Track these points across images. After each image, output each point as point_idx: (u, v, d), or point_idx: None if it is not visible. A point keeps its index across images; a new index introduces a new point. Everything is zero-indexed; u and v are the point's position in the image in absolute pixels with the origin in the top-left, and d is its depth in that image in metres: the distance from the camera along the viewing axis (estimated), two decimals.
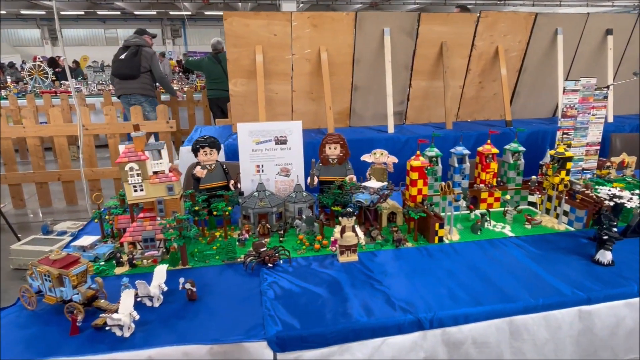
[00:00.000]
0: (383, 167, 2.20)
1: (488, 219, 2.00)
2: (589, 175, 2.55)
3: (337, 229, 1.65)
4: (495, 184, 2.19)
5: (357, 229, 1.68)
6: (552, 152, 2.10)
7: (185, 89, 8.33)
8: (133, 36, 5.80)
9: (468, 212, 2.06)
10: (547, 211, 2.09)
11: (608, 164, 2.52)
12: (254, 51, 3.92)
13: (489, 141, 2.22)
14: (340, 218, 1.65)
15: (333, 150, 2.14)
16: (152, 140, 1.79)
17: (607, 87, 2.46)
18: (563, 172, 2.08)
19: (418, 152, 2.01)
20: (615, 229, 1.82)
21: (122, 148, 1.63)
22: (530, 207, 2.20)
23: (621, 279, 1.55)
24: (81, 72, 11.64)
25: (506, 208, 2.06)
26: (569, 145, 2.48)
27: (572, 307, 1.44)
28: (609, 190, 1.87)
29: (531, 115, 4.88)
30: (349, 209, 1.67)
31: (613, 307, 1.48)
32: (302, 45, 4.01)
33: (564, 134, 2.22)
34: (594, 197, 1.96)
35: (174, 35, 19.72)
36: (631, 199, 1.81)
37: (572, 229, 1.98)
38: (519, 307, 1.41)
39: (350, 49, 4.12)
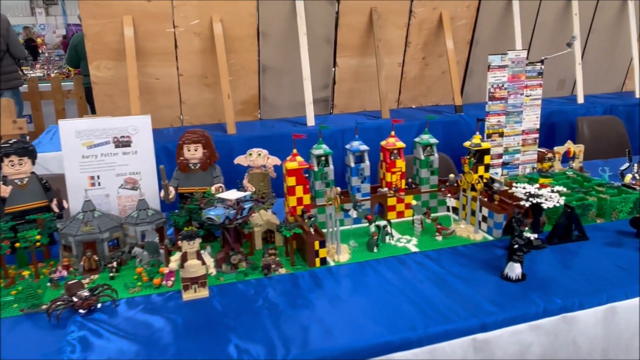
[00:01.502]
0: (263, 172, 2.22)
1: (389, 231, 2.07)
2: (528, 171, 2.70)
3: (175, 257, 1.65)
4: (403, 186, 2.27)
5: (205, 254, 1.68)
6: (467, 143, 2.21)
7: (53, 75, 8.04)
8: None
9: (367, 224, 2.11)
10: (472, 218, 2.19)
11: (550, 155, 2.68)
12: (122, 24, 3.85)
13: (392, 133, 2.30)
14: (179, 242, 1.64)
15: (193, 153, 2.13)
16: None
17: (541, 61, 2.62)
18: (481, 168, 2.19)
19: (294, 151, 2.04)
20: (535, 235, 1.94)
21: None
22: (451, 214, 2.29)
23: (528, 297, 1.64)
24: None
25: (413, 217, 2.14)
26: (501, 134, 2.62)
27: (463, 336, 1.51)
28: (524, 187, 1.98)
29: None
30: (194, 229, 1.67)
31: (516, 333, 1.56)
32: (187, 14, 3.98)
33: (479, 120, 2.33)
34: (518, 197, 2.08)
35: (48, 3, 18.96)
36: (550, 197, 1.93)
37: (491, 237, 2.08)
38: (397, 341, 1.46)
39: (252, 18, 4.14)
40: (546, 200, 1.93)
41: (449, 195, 2.16)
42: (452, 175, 2.28)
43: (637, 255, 1.92)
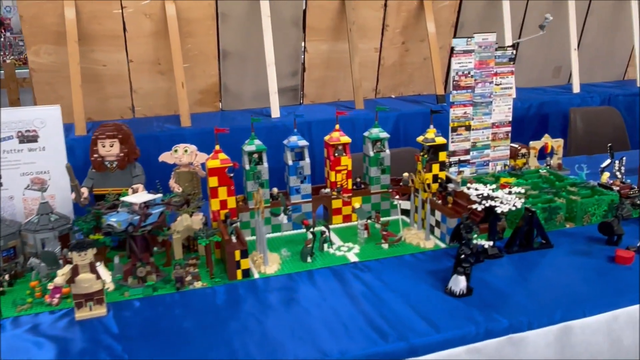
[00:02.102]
0: (191, 171, 2.12)
1: (328, 238, 1.97)
2: (499, 168, 2.60)
3: (63, 270, 1.54)
4: (350, 186, 2.17)
5: (101, 267, 1.58)
6: (420, 138, 2.11)
7: (8, 61, 7.91)
8: None
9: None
10: (423, 222, 2.09)
11: (524, 151, 2.58)
12: (62, 4, 3.73)
13: (337, 127, 2.19)
14: (70, 253, 1.54)
15: (109, 149, 2.03)
16: None
17: (513, 45, 2.51)
18: (436, 166, 2.09)
19: (217, 147, 1.94)
20: (490, 243, 1.85)
21: None
22: (401, 218, 2.19)
23: (469, 315, 1.55)
24: None
25: (358, 222, 2.04)
26: (468, 128, 2.51)
27: None
28: (477, 189, 1.88)
29: None
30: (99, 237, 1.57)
31: (451, 356, 1.47)
32: None
33: (433, 112, 2.23)
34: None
35: None
36: (507, 200, 1.83)
37: (444, 245, 1.99)
38: None
39: None
40: (502, 203, 1.83)
41: (397, 197, 2.06)
42: (406, 174, 2.18)
43: (605, 265, 1.82)
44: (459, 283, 1.64)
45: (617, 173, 2.44)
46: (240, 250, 1.75)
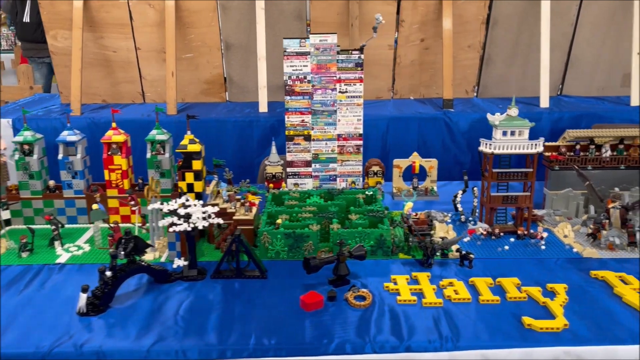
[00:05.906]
0: None
1: (58, 237, 1.91)
2: (343, 185, 2.27)
3: None
4: (126, 187, 2.08)
5: None
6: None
7: None
8: None
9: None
10: None
11: (375, 168, 2.23)
12: None
13: (114, 124, 2.10)
14: None
15: None
16: None
17: (360, 49, 2.16)
18: (190, 175, 1.91)
19: None
20: (183, 263, 1.66)
21: None
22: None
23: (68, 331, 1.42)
24: None
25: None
26: (308, 137, 2.24)
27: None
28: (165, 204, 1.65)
29: (519, 91, 4.38)
30: None
31: None
32: None
33: (189, 117, 2.01)
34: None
35: None
36: (189, 218, 1.58)
37: None
38: None
39: None
40: (184, 221, 1.60)
41: (132, 202, 1.92)
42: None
43: (289, 309, 1.51)
44: (80, 300, 1.50)
45: (458, 205, 2.00)
46: None
